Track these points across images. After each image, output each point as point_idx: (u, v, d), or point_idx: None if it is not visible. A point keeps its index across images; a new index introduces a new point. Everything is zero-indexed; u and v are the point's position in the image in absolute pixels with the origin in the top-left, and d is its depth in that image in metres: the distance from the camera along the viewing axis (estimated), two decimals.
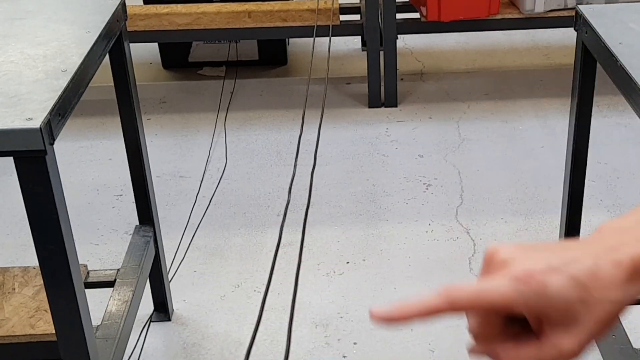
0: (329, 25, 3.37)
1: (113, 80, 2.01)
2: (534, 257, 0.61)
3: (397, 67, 3.51)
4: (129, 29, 2.04)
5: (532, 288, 0.59)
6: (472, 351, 0.64)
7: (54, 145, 1.39)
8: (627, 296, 0.59)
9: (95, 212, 2.87)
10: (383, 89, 3.52)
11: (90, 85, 1.66)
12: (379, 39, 3.45)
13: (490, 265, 0.63)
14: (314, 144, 1.76)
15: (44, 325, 1.79)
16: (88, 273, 2.07)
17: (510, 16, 3.41)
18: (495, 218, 2.76)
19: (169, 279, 2.40)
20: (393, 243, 2.65)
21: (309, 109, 1.84)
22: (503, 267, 0.61)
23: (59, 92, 1.45)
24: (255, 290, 2.41)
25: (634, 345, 1.85)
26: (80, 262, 1.57)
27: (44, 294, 1.55)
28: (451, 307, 0.60)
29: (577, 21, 1.90)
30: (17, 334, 1.78)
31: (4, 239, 2.74)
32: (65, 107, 1.46)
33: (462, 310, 0.61)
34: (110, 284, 2.06)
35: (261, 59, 3.88)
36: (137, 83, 2.07)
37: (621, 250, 0.60)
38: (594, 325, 0.59)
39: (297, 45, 4.17)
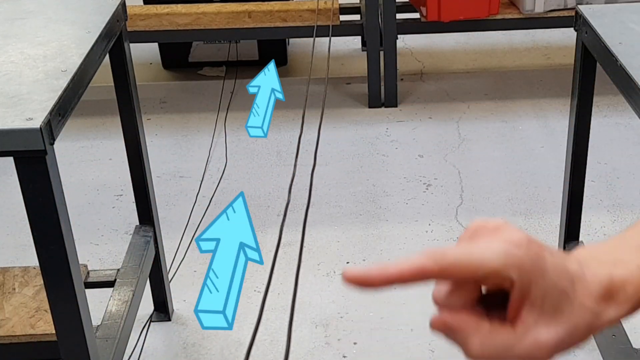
0: (329, 25, 3.37)
1: (113, 80, 2.01)
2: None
3: (397, 67, 3.51)
4: (129, 29, 2.04)
5: (529, 254, 0.55)
6: (435, 323, 0.56)
7: (54, 145, 1.39)
8: (597, 314, 0.57)
9: (95, 212, 2.87)
10: (383, 89, 3.52)
11: (90, 85, 1.66)
12: (379, 39, 3.45)
13: (478, 231, 0.58)
14: (314, 144, 1.76)
15: (44, 325, 1.79)
16: (88, 273, 2.07)
17: (510, 16, 3.41)
18: (495, 218, 2.76)
19: (169, 279, 2.40)
20: (393, 243, 2.65)
21: (309, 109, 1.84)
22: (495, 232, 0.57)
23: (59, 92, 1.45)
24: (255, 290, 2.41)
25: (634, 345, 1.85)
26: (80, 262, 1.57)
27: (44, 294, 1.55)
28: (439, 268, 0.53)
29: (577, 21, 1.90)
30: (17, 334, 1.78)
31: (4, 239, 2.74)
32: (65, 107, 1.46)
33: (451, 274, 0.54)
34: (110, 284, 2.06)
35: (261, 59, 3.88)
36: (137, 83, 2.07)
37: (603, 269, 0.58)
38: (573, 327, 0.56)
39: (297, 45, 4.17)
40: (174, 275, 2.49)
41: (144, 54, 4.03)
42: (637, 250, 0.60)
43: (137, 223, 2.22)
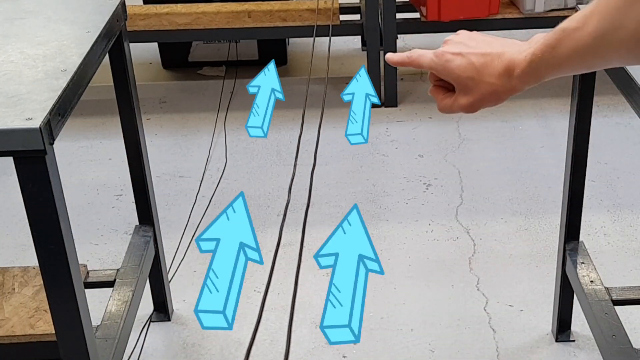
0: (329, 25, 3.37)
1: (113, 80, 2.01)
2: (463, 42, 0.97)
3: (397, 67, 3.51)
4: (129, 28, 2.04)
5: (441, 62, 0.98)
6: (429, 91, 1.04)
7: (54, 145, 1.39)
8: (501, 85, 0.93)
9: (95, 212, 2.87)
10: (383, 89, 3.52)
11: (90, 85, 1.66)
12: (379, 39, 3.44)
13: (445, 41, 1.01)
14: (314, 144, 1.76)
15: (44, 325, 1.79)
16: (88, 273, 2.07)
17: (510, 16, 3.41)
18: (495, 218, 2.76)
19: (169, 279, 2.40)
20: (393, 243, 2.65)
21: (309, 109, 1.84)
22: (443, 44, 1.00)
23: (59, 92, 1.45)
24: (255, 290, 2.41)
25: (634, 345, 1.85)
26: (80, 262, 1.57)
27: (44, 294, 1.55)
28: (410, 61, 1.02)
29: None
30: (17, 334, 1.77)
31: (4, 239, 2.74)
32: (65, 107, 1.46)
33: (414, 65, 1.02)
34: (110, 284, 2.06)
35: (261, 59, 3.88)
36: (137, 83, 2.07)
37: (507, 54, 0.92)
38: (479, 96, 0.95)
39: (297, 45, 4.17)
40: (173, 275, 2.49)
41: (143, 54, 4.03)
42: (536, 44, 0.88)
43: (137, 223, 2.21)
